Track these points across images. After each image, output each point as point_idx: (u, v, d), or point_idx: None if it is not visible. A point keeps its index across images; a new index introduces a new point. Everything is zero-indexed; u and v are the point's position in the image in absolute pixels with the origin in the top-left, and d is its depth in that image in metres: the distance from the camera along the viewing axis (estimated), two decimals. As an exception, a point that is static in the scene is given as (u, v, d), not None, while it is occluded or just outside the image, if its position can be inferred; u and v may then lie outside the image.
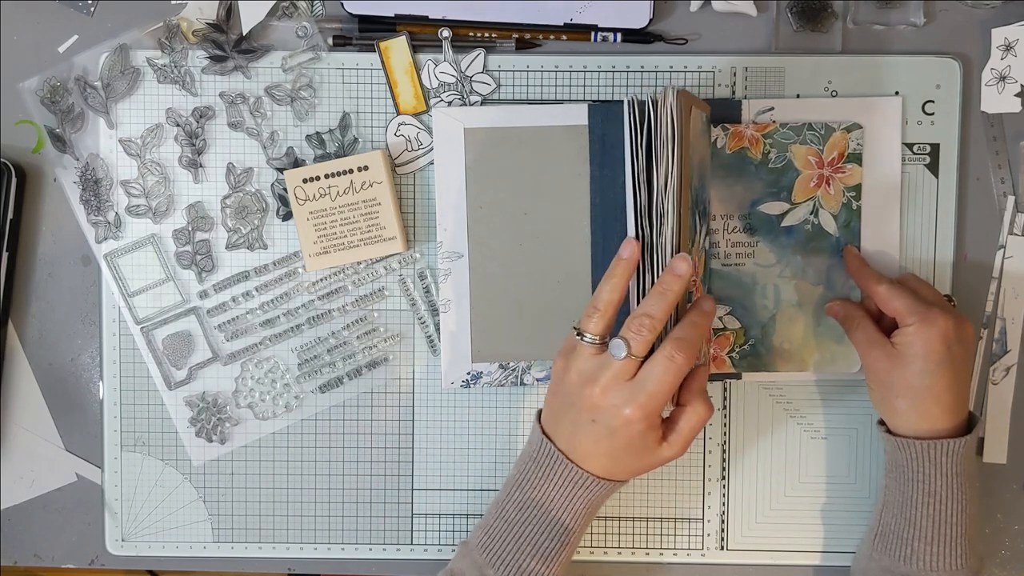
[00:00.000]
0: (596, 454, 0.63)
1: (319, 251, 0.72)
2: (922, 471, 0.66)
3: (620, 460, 0.63)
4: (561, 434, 0.65)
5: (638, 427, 0.61)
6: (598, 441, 0.63)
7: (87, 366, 0.76)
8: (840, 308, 0.71)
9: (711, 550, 0.76)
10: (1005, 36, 0.73)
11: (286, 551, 0.76)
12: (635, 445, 0.62)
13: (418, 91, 0.74)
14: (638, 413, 0.60)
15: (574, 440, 0.64)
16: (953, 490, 0.66)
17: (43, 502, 0.77)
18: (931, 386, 0.65)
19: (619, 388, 0.61)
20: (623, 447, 0.62)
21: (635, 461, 0.64)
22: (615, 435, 0.62)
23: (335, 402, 0.76)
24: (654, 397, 0.60)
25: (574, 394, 0.63)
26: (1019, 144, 0.74)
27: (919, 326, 0.65)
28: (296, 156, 0.74)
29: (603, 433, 0.62)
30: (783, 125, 0.72)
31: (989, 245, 0.75)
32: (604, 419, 0.62)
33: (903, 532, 0.67)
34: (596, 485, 0.64)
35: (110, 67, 0.73)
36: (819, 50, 0.74)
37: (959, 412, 0.67)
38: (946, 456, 0.65)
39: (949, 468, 0.65)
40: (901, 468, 0.67)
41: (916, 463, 0.66)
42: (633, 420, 0.61)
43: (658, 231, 0.62)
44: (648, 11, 0.72)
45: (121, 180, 0.74)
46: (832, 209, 0.73)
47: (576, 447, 0.64)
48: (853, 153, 0.72)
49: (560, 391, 0.65)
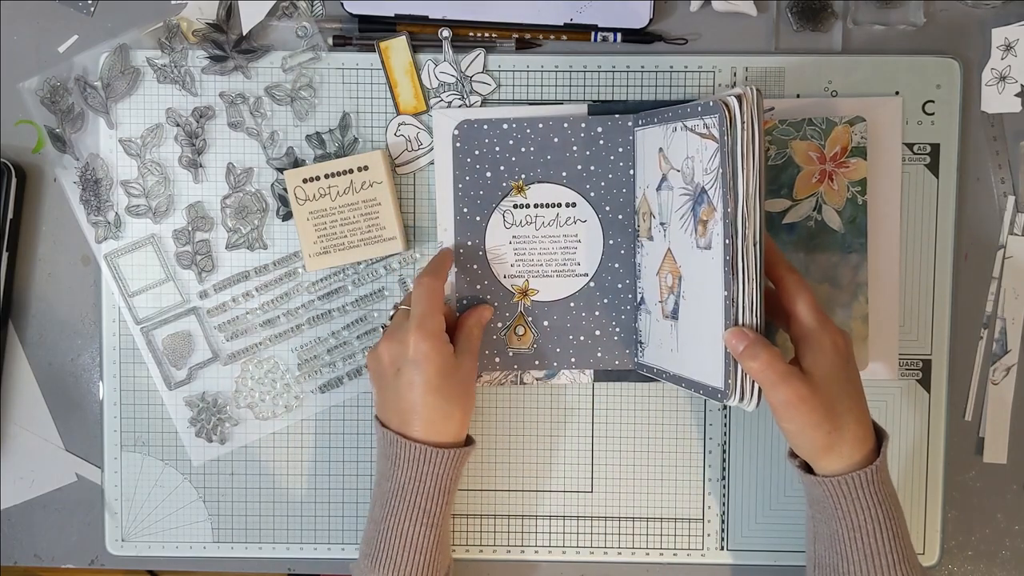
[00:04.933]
0: (419, 404, 0.66)
1: (319, 251, 0.72)
2: (842, 506, 0.64)
3: (442, 391, 0.66)
4: (390, 414, 0.68)
5: (427, 346, 0.66)
6: (412, 384, 0.66)
7: (87, 366, 0.76)
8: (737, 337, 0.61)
9: (711, 550, 0.76)
10: (1005, 36, 0.73)
11: (286, 551, 0.76)
12: (441, 369, 0.66)
13: (418, 91, 0.74)
14: (419, 333, 0.66)
15: (398, 404, 0.67)
16: (878, 520, 0.63)
17: (43, 502, 0.77)
18: (849, 408, 0.63)
19: (400, 328, 0.68)
20: (435, 374, 0.66)
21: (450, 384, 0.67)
22: (419, 367, 0.66)
23: (335, 402, 0.76)
24: (424, 315, 0.66)
25: (380, 359, 0.68)
26: (1019, 144, 0.74)
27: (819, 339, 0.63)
28: (296, 156, 0.74)
29: (413, 372, 0.66)
30: (782, 121, 0.72)
31: (989, 245, 0.75)
32: (403, 359, 0.66)
33: (838, 566, 0.65)
34: (436, 455, 0.66)
35: (110, 67, 0.73)
36: (819, 50, 0.74)
37: (869, 433, 0.64)
38: (862, 488, 0.63)
39: (868, 499, 0.63)
40: (822, 503, 0.65)
41: (835, 499, 0.64)
42: (419, 340, 0.66)
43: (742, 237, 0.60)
44: (648, 11, 0.72)
45: (121, 180, 0.74)
46: (836, 205, 0.73)
47: (404, 410, 0.67)
48: (857, 147, 0.72)
49: (373, 375, 0.70)
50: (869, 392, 0.75)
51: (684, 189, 0.65)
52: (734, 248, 0.60)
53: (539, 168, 0.73)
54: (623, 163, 0.72)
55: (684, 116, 0.65)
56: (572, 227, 0.73)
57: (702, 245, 0.63)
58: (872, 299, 0.73)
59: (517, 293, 0.74)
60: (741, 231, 0.60)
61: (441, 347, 0.66)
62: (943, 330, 0.75)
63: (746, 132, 0.59)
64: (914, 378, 0.75)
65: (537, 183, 0.73)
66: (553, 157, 0.73)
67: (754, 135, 0.60)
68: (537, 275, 0.74)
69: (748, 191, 0.60)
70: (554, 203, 0.73)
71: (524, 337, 0.74)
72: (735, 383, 0.61)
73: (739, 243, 0.60)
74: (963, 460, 0.76)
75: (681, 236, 0.66)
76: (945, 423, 0.75)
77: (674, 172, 0.66)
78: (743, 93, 0.60)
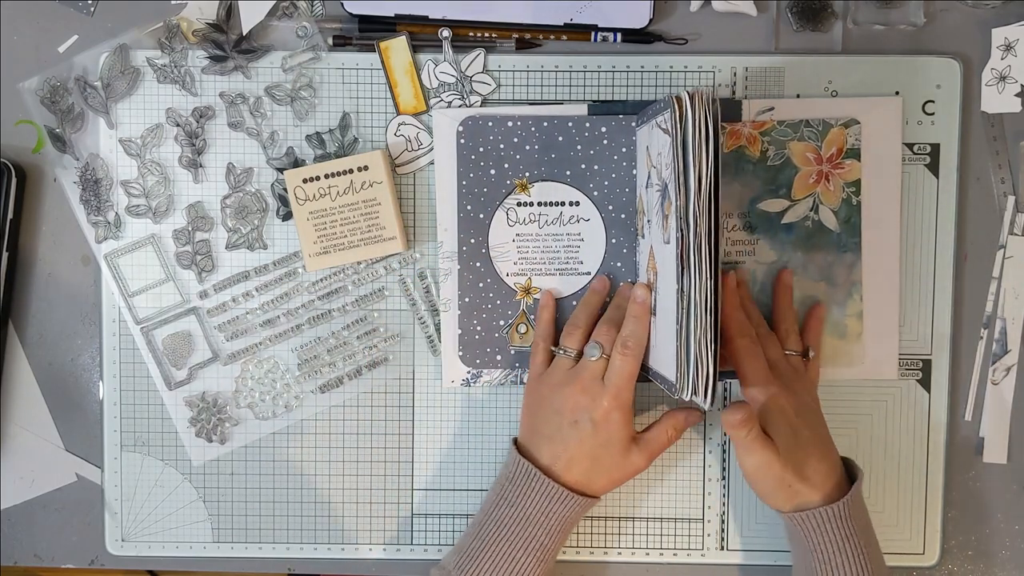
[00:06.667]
0: (580, 456, 0.67)
1: (319, 251, 0.72)
2: (812, 541, 0.66)
3: (601, 461, 0.67)
4: (543, 448, 0.68)
5: (616, 417, 0.66)
6: (582, 441, 0.67)
7: (87, 366, 0.76)
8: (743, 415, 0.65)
9: (711, 550, 0.76)
10: (1005, 36, 0.73)
11: (286, 551, 0.76)
12: (613, 441, 0.67)
13: (418, 91, 0.74)
14: (613, 402, 0.66)
15: (561, 446, 0.67)
16: (848, 554, 0.66)
17: (43, 502, 0.77)
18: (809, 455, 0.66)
19: (595, 384, 0.67)
20: (603, 444, 0.67)
21: (612, 463, 0.68)
22: (597, 430, 0.67)
23: (335, 402, 0.76)
24: (621, 387, 0.67)
25: (555, 402, 0.68)
26: (1019, 144, 0.74)
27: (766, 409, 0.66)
28: (296, 156, 0.74)
29: (587, 431, 0.67)
30: (780, 123, 0.72)
31: (989, 245, 0.75)
32: (585, 415, 0.67)
33: None
34: (572, 500, 0.67)
35: (110, 67, 0.73)
36: (819, 50, 0.74)
37: (835, 468, 0.68)
38: (829, 523, 0.66)
39: (836, 533, 0.66)
40: (797, 539, 0.68)
41: (804, 533, 0.67)
42: (611, 409, 0.66)
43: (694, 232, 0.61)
44: (648, 11, 0.72)
45: (121, 180, 0.74)
46: (832, 205, 0.73)
47: (562, 454, 0.67)
48: (852, 149, 0.73)
49: (538, 407, 0.69)
50: (870, 392, 0.75)
51: (658, 185, 0.66)
52: (685, 242, 0.60)
53: (543, 166, 0.73)
54: (626, 163, 0.72)
55: (656, 113, 0.66)
56: (575, 226, 0.73)
57: (665, 240, 0.64)
58: (868, 297, 0.73)
59: (520, 291, 0.74)
60: (693, 225, 0.60)
61: (627, 424, 0.67)
62: (943, 330, 0.75)
63: (698, 128, 0.60)
64: (914, 378, 0.75)
65: (541, 181, 0.73)
66: (557, 155, 0.73)
67: (708, 133, 0.60)
68: (540, 273, 0.74)
69: (700, 186, 0.60)
70: (558, 202, 0.73)
71: (526, 335, 0.74)
72: (686, 378, 0.61)
73: (690, 237, 0.60)
74: (963, 460, 0.76)
75: (657, 232, 0.66)
76: (945, 423, 0.75)
77: (653, 169, 0.67)
78: (695, 91, 0.60)
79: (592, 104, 0.73)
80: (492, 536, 0.67)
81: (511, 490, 0.68)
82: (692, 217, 0.60)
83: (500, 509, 0.68)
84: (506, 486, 0.69)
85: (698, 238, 0.60)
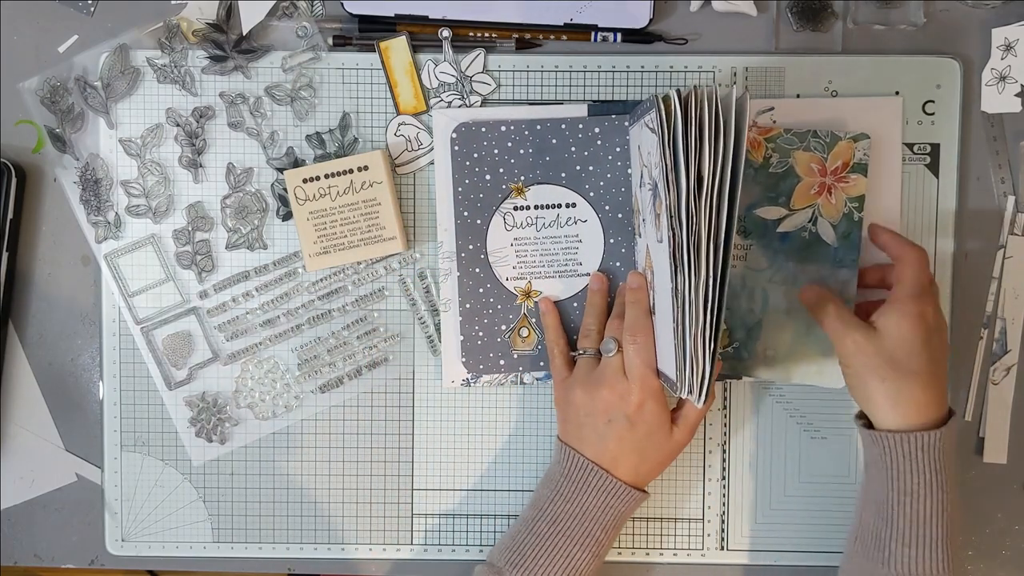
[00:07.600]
0: (624, 453, 0.67)
1: (319, 251, 0.72)
2: (897, 467, 0.63)
3: (646, 453, 0.68)
4: (587, 447, 0.68)
5: (649, 406, 0.66)
6: (622, 438, 0.67)
7: (87, 366, 0.76)
8: (814, 293, 0.68)
9: (711, 550, 0.76)
10: (1005, 36, 0.73)
11: (286, 551, 0.76)
12: (654, 430, 0.67)
13: (418, 91, 0.74)
14: (642, 393, 0.66)
15: (601, 447, 0.68)
16: (932, 488, 0.63)
17: (43, 502, 0.77)
18: (916, 371, 0.63)
19: (619, 379, 0.67)
20: (645, 435, 0.67)
21: (657, 450, 0.68)
22: (634, 425, 0.67)
23: (335, 402, 0.76)
24: (645, 375, 0.66)
25: (588, 404, 0.68)
26: (1019, 144, 0.74)
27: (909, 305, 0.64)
28: (296, 156, 0.74)
29: (624, 427, 0.67)
30: (787, 130, 0.72)
31: (989, 245, 0.75)
32: (618, 413, 0.67)
33: (880, 532, 0.64)
34: (627, 493, 0.67)
35: (110, 67, 0.73)
36: (819, 50, 0.74)
37: (939, 404, 0.64)
38: (922, 451, 0.63)
39: (926, 464, 0.63)
40: (877, 463, 0.65)
41: (891, 458, 0.64)
42: (642, 400, 0.66)
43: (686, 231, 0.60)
44: (648, 11, 0.72)
45: (121, 180, 0.74)
46: (832, 219, 0.72)
47: (604, 454, 0.68)
48: (859, 163, 0.71)
49: (572, 410, 0.69)
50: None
51: (649, 184, 0.66)
52: (675, 241, 0.60)
53: (538, 169, 0.73)
54: (620, 162, 0.72)
55: (643, 113, 0.66)
56: (573, 227, 0.73)
57: (659, 239, 0.64)
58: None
59: (520, 295, 0.74)
60: (685, 224, 0.60)
61: (663, 408, 0.67)
62: (943, 330, 0.75)
63: (693, 128, 0.59)
64: (914, 378, 0.75)
65: (536, 184, 0.73)
66: (552, 158, 0.73)
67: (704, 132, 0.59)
68: (539, 276, 0.74)
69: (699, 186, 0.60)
70: (554, 204, 0.73)
71: (528, 339, 0.74)
72: (684, 376, 0.61)
73: (683, 236, 0.60)
74: (963, 460, 0.76)
75: (651, 231, 0.66)
76: (945, 423, 0.75)
77: (645, 168, 0.67)
78: (689, 91, 0.60)
79: (592, 104, 0.73)
80: (546, 532, 0.67)
81: (566, 486, 0.68)
82: (684, 216, 0.60)
83: (556, 505, 0.68)
84: (561, 482, 0.69)
85: (694, 237, 0.60)
